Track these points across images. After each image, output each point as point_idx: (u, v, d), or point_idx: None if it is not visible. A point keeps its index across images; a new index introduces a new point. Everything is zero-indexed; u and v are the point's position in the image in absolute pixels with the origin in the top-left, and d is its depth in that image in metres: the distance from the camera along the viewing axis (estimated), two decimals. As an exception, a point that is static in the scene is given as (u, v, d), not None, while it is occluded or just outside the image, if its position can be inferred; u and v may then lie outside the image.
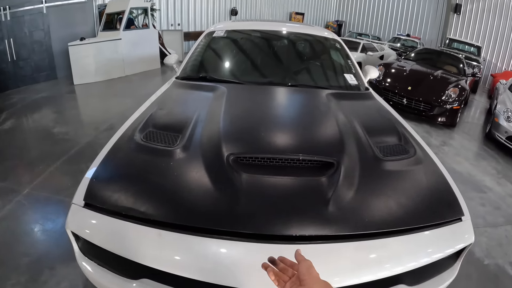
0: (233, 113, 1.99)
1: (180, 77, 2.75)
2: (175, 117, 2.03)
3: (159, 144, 1.66)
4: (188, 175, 1.50)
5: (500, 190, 4.08)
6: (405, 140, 1.90)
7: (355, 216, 1.35)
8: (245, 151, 1.60)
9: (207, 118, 1.90)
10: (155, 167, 1.51)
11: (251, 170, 1.49)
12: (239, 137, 1.76)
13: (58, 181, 3.20)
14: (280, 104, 2.39)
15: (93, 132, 4.40)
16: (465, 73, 7.12)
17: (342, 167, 1.53)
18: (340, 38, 3.47)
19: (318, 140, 1.85)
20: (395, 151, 1.77)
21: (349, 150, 1.67)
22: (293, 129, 1.93)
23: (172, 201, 1.36)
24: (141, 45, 7.99)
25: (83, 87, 6.70)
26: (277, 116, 2.10)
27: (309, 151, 1.62)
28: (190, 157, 1.58)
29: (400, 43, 13.58)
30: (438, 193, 1.56)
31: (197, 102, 2.20)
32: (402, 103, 6.20)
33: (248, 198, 1.35)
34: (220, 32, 3.15)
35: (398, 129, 2.02)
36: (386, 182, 1.55)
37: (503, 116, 5.21)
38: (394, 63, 7.34)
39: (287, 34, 3.26)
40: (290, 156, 1.57)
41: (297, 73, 2.89)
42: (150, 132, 1.78)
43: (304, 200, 1.39)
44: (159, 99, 2.29)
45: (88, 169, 1.53)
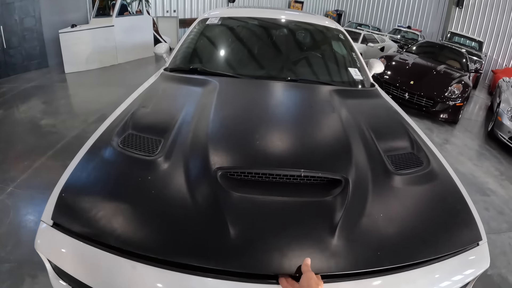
0: (224, 114, 1.75)
1: (169, 69, 2.49)
2: (159, 117, 1.79)
3: (138, 152, 1.44)
4: (168, 194, 1.27)
5: (503, 193, 3.97)
6: (417, 147, 1.73)
7: (367, 248, 1.16)
8: (236, 164, 1.38)
9: (194, 119, 1.67)
10: (131, 182, 1.30)
11: (244, 188, 1.27)
12: (230, 145, 1.51)
13: (43, 178, 3.02)
14: (278, 104, 2.09)
15: (81, 125, 4.19)
16: (468, 68, 6.96)
17: (351, 185, 1.31)
18: (343, 29, 3.26)
19: (322, 150, 1.58)
20: (408, 162, 1.59)
21: (358, 163, 1.45)
22: (293, 136, 1.68)
23: (148, 227, 1.16)
24: (135, 32, 7.72)
25: (74, 75, 6.45)
26: (274, 120, 1.82)
27: (312, 164, 1.40)
28: (172, 170, 1.36)
29: (401, 35, 13.37)
30: (456, 215, 1.38)
31: (185, 99, 1.95)
32: (404, 98, 6.04)
33: (240, 226, 1.14)
34: (214, 19, 2.88)
35: (409, 134, 1.84)
36: (400, 204, 1.36)
37: (507, 116, 5.07)
38: (396, 56, 7.16)
39: (287, 23, 2.98)
40: (290, 172, 1.33)
41: (298, 67, 2.65)
42: (129, 135, 1.56)
43: (306, 229, 1.18)
44: (143, 95, 2.04)
45: (58, 181, 1.32)
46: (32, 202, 2.73)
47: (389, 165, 1.52)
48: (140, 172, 1.34)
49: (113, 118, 1.75)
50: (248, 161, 1.39)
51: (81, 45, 6.48)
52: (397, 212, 1.32)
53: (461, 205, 1.43)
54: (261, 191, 1.28)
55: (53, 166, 3.22)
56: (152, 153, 1.43)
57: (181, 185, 1.28)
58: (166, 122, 1.66)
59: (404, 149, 1.70)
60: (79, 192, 1.28)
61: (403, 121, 2.02)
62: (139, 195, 1.25)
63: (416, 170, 1.53)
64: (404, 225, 1.28)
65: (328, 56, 2.86)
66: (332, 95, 2.13)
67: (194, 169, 1.34)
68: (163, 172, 1.35)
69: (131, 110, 1.78)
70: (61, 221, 1.18)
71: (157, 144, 1.50)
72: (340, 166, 1.42)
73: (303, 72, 2.61)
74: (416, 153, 1.68)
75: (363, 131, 1.74)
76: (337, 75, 2.68)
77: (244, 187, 1.28)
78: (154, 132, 1.59)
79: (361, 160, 1.49)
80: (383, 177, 1.44)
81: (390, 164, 1.53)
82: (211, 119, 1.64)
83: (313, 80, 2.45)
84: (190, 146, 1.47)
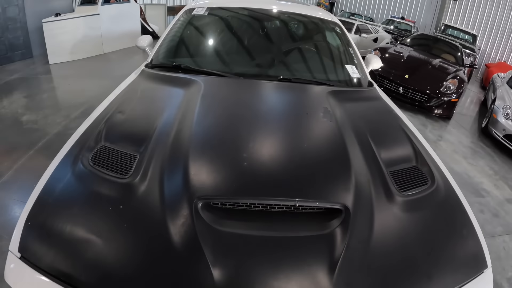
0: (207, 124, 1.56)
1: (150, 65, 2.26)
2: (135, 125, 1.61)
3: (110, 173, 1.27)
4: (142, 228, 1.10)
5: (498, 194, 3.93)
6: (421, 159, 1.61)
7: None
8: (221, 191, 1.20)
9: (174, 130, 1.49)
10: (102, 212, 1.15)
11: (229, 222, 1.12)
12: (214, 168, 1.31)
13: (22, 182, 2.84)
14: (269, 112, 1.83)
15: (64, 121, 3.99)
16: (463, 63, 6.88)
17: (352, 215, 1.17)
18: (338, 20, 3.08)
19: (319, 173, 1.38)
20: (412, 179, 1.46)
21: (358, 187, 1.30)
22: (286, 156, 1.46)
23: (121, 270, 1.01)
24: (121, 20, 7.43)
25: (58, 66, 6.19)
26: (265, 134, 1.61)
27: (307, 191, 1.24)
28: (146, 197, 1.19)
29: (394, 26, 13.24)
30: (463, 243, 1.28)
31: (165, 104, 1.76)
32: (398, 92, 5.93)
33: (224, 269, 0.99)
34: (201, 9, 2.64)
35: (412, 143, 1.72)
36: (406, 234, 1.23)
37: (502, 113, 5.01)
38: (391, 48, 7.03)
39: (279, 14, 2.75)
40: (282, 202, 1.17)
41: (291, 64, 2.45)
42: (101, 148, 1.40)
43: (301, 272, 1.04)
44: (120, 97, 1.84)
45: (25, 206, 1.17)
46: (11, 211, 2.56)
47: (393, 186, 1.39)
48: (111, 199, 1.18)
49: (88, 124, 1.58)
50: (234, 188, 1.22)
51: (65, 34, 6.19)
52: (402, 245, 1.19)
53: (468, 229, 1.33)
54: (249, 224, 1.13)
55: (34, 168, 3.03)
56: (125, 174, 1.27)
57: (157, 218, 1.12)
58: (143, 133, 1.50)
59: (407, 162, 1.59)
60: (46, 222, 1.11)
61: (405, 127, 1.89)
62: (109, 229, 1.10)
63: (421, 190, 1.42)
64: (410, 261, 1.15)
65: (323, 52, 2.67)
66: (329, 98, 1.96)
67: (171, 196, 1.17)
68: (136, 200, 1.18)
69: (106, 116, 1.61)
70: (28, 255, 1.04)
71: (132, 161, 1.34)
72: (339, 192, 1.27)
73: (296, 70, 2.41)
74: (419, 167, 1.57)
75: (363, 143, 1.60)
76: (334, 73, 2.50)
77: (230, 219, 1.14)
78: (129, 145, 1.43)
79: (362, 182, 1.34)
80: (386, 202, 1.31)
81: (394, 184, 1.41)
82: (193, 132, 1.46)
83: (307, 80, 2.25)
84: (168, 166, 1.29)
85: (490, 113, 5.46)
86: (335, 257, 1.06)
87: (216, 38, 2.62)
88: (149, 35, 2.79)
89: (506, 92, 5.62)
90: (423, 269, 1.14)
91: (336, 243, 1.10)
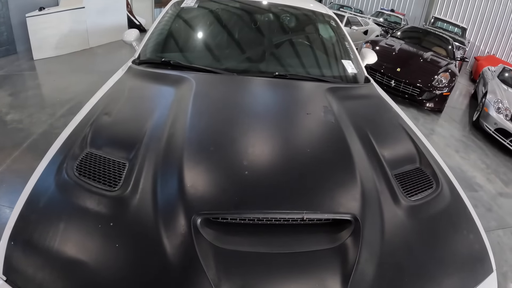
0: (202, 127, 1.44)
1: (137, 61, 2.12)
2: (123, 129, 1.48)
3: (97, 185, 1.16)
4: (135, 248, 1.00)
5: (491, 188, 3.95)
6: (424, 160, 1.58)
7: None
8: (221, 205, 1.09)
9: (166, 134, 1.38)
10: (90, 230, 1.04)
11: (232, 239, 1.03)
12: (212, 178, 1.20)
13: (8, 187, 2.72)
14: (268, 112, 1.73)
15: (49, 119, 3.85)
16: (454, 56, 6.89)
17: (362, 225, 1.11)
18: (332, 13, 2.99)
19: (325, 181, 1.28)
20: (418, 183, 1.43)
21: (366, 194, 1.23)
22: (289, 162, 1.35)
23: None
24: (107, 13, 7.19)
25: (43, 62, 5.98)
26: (265, 137, 1.50)
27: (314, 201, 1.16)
28: (138, 212, 1.08)
29: (383, 18, 13.21)
30: (470, 248, 1.26)
31: (155, 105, 1.65)
32: (389, 85, 5.91)
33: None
34: (191, 1, 2.51)
35: (414, 143, 1.69)
36: (415, 242, 1.19)
37: (494, 107, 5.03)
38: (382, 41, 7.00)
39: (273, 7, 2.64)
40: (289, 215, 1.09)
41: (286, 60, 2.34)
42: (87, 155, 1.28)
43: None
44: (106, 96, 1.71)
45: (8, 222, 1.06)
46: None
47: (399, 192, 1.35)
48: (101, 215, 1.07)
49: (72, 128, 1.46)
50: (236, 201, 1.12)
51: (50, 29, 5.96)
52: (412, 253, 1.15)
53: (474, 234, 1.31)
54: (254, 240, 1.05)
55: (20, 170, 2.91)
56: (114, 186, 1.16)
57: (152, 236, 1.02)
58: (132, 137, 1.38)
59: (410, 163, 1.55)
60: (30, 241, 1.01)
61: (405, 126, 1.85)
62: (100, 249, 1.00)
63: (427, 195, 1.38)
64: (421, 270, 1.11)
65: (319, 47, 2.59)
66: (328, 96, 1.89)
67: (167, 212, 1.07)
68: (128, 216, 1.08)
69: (91, 118, 1.49)
70: (13, 278, 0.95)
71: (121, 170, 1.23)
72: (347, 201, 1.20)
73: (292, 66, 2.31)
74: (423, 169, 1.53)
75: (366, 144, 1.55)
76: (330, 69, 2.43)
77: (232, 235, 1.05)
78: (117, 151, 1.31)
79: (369, 190, 1.28)
80: (393, 209, 1.26)
81: (400, 189, 1.36)
82: (186, 137, 1.34)
83: (304, 76, 2.17)
84: (161, 177, 1.18)
85: (481, 107, 5.48)
86: (347, 271, 1.00)
87: (207, 32, 2.50)
88: (135, 29, 2.64)
89: (497, 85, 5.64)
90: (436, 278, 1.11)
91: (347, 256, 1.04)
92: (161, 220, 1.05)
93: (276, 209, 1.10)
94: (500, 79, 5.96)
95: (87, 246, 1.00)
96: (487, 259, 1.23)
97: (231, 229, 1.07)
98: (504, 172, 4.41)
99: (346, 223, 1.13)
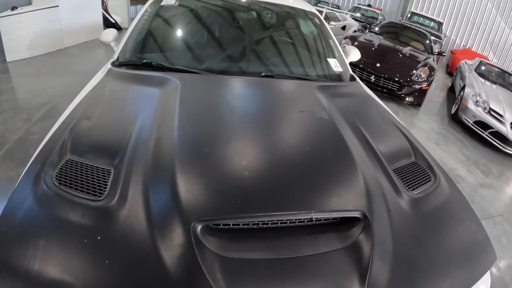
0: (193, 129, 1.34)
1: (117, 63, 2.00)
2: (106, 133, 1.37)
3: (80, 195, 1.05)
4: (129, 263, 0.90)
5: (472, 179, 4.04)
6: (419, 154, 1.60)
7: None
8: (221, 209, 1.01)
9: (153, 137, 1.29)
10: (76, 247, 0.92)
11: (237, 247, 0.95)
12: (208, 180, 1.11)
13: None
14: (260, 110, 1.68)
15: (25, 125, 3.69)
16: (432, 50, 7.02)
17: (372, 221, 1.07)
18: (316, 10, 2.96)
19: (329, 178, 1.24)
20: (416, 177, 1.44)
21: (370, 190, 1.21)
22: (290, 161, 1.28)
23: None
24: (82, 12, 6.96)
25: (17, 64, 5.73)
26: (261, 136, 1.41)
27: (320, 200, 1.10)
28: (129, 223, 0.98)
29: (360, 13, 13.33)
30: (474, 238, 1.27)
31: (139, 107, 1.54)
32: (369, 80, 5.97)
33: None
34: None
35: (407, 138, 1.70)
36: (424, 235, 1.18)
37: (472, 100, 5.16)
38: (361, 37, 7.05)
39: (257, 5, 2.58)
40: (296, 216, 1.03)
41: (272, 59, 2.29)
42: (67, 163, 1.16)
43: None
44: (86, 101, 1.59)
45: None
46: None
47: (401, 186, 1.35)
48: (86, 228, 0.97)
49: (49, 136, 1.36)
50: (238, 205, 1.03)
51: (23, 29, 5.71)
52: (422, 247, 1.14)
53: (475, 224, 1.32)
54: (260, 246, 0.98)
55: None
56: (99, 194, 1.06)
57: (147, 249, 0.92)
58: (116, 141, 1.28)
59: (406, 157, 1.57)
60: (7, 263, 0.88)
61: (396, 123, 1.87)
62: (87, 267, 0.89)
63: (428, 187, 1.40)
64: (433, 264, 1.10)
65: (304, 46, 2.57)
66: (318, 94, 1.88)
67: (161, 221, 0.98)
68: (117, 227, 0.97)
69: (70, 123, 1.37)
70: None
71: (105, 177, 1.12)
72: (354, 198, 1.16)
73: (278, 66, 2.27)
74: (419, 163, 1.55)
75: (362, 140, 1.55)
76: (316, 68, 2.40)
77: (236, 242, 0.98)
78: (101, 157, 1.20)
79: (372, 185, 1.26)
80: (398, 203, 1.26)
81: (401, 183, 1.36)
82: (176, 138, 1.25)
83: (291, 76, 2.14)
84: (152, 182, 1.09)
85: (459, 100, 5.60)
86: (362, 271, 0.96)
87: (189, 31, 2.41)
88: (113, 29, 2.51)
89: (475, 79, 5.78)
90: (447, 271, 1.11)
91: (360, 255, 1.00)
92: (157, 230, 0.96)
93: (282, 210, 1.04)
94: (477, 72, 6.12)
95: (73, 264, 0.89)
96: (490, 247, 1.24)
97: (235, 235, 1.00)
98: (484, 163, 4.53)
99: (355, 221, 1.10)
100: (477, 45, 12.35)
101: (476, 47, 12.23)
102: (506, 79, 6.43)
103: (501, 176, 4.35)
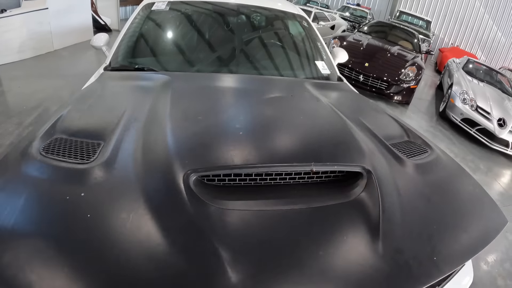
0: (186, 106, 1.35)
1: (109, 68, 2.04)
2: (98, 116, 1.35)
3: (67, 159, 1.00)
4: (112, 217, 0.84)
5: (459, 175, 4.12)
6: (412, 134, 1.61)
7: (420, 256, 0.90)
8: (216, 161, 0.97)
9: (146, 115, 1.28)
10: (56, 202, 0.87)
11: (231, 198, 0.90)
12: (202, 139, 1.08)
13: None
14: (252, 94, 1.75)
15: (16, 129, 3.69)
16: (420, 49, 7.12)
17: (376, 177, 1.04)
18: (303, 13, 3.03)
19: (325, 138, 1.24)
20: (412, 150, 1.44)
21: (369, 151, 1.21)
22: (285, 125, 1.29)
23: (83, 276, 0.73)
24: (71, 14, 6.93)
25: (6, 68, 5.70)
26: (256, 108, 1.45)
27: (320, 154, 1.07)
28: (117, 179, 0.94)
29: (349, 12, 13.43)
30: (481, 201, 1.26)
31: (130, 96, 1.56)
32: (358, 80, 6.05)
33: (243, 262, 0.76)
34: (161, 4, 2.44)
35: (398, 122, 1.72)
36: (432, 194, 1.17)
37: (459, 98, 5.26)
38: (350, 36, 7.12)
39: (246, 8, 2.65)
40: (294, 168, 0.98)
41: (261, 62, 2.38)
42: (56, 139, 1.11)
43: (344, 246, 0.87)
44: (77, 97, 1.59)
45: None
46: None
47: (399, 153, 1.34)
48: (68, 186, 0.91)
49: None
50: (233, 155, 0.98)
51: (12, 32, 5.68)
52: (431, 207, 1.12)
53: (479, 189, 1.32)
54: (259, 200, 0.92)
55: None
56: (87, 159, 1.01)
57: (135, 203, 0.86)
58: (108, 122, 1.24)
59: (400, 138, 1.57)
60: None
61: (385, 110, 1.92)
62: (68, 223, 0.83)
63: (426, 156, 1.40)
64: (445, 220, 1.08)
65: (292, 48, 2.63)
66: (308, 86, 1.95)
67: (151, 175, 0.93)
68: (103, 183, 0.92)
69: (60, 113, 1.32)
70: None
71: (95, 147, 1.08)
72: (354, 155, 1.14)
73: (266, 68, 2.34)
74: (413, 141, 1.56)
75: (356, 120, 1.56)
76: (305, 69, 2.47)
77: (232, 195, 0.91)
78: (91, 134, 1.16)
79: (371, 148, 1.25)
80: (400, 165, 1.26)
81: (399, 152, 1.36)
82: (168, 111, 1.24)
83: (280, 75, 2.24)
84: (143, 146, 1.06)
85: (447, 98, 5.71)
86: (374, 220, 0.93)
87: (180, 35, 2.47)
88: (105, 33, 2.55)
89: (462, 77, 5.89)
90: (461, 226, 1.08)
91: (368, 207, 0.97)
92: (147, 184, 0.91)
93: (280, 162, 1.00)
94: (465, 70, 6.23)
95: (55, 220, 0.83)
96: (499, 211, 1.22)
97: (228, 187, 0.95)
98: (471, 160, 4.63)
99: (357, 177, 1.08)
100: (465, 43, 12.56)
101: (464, 45, 12.44)
102: (494, 77, 6.57)
103: (489, 172, 4.45)
